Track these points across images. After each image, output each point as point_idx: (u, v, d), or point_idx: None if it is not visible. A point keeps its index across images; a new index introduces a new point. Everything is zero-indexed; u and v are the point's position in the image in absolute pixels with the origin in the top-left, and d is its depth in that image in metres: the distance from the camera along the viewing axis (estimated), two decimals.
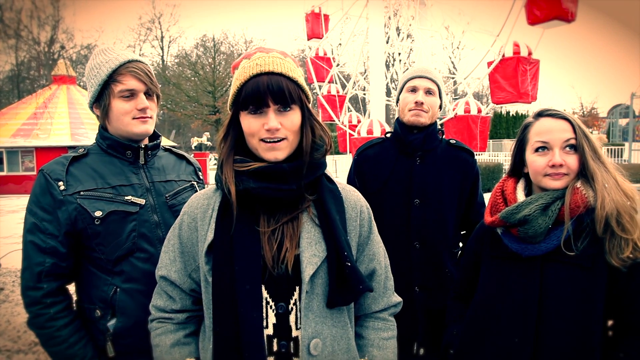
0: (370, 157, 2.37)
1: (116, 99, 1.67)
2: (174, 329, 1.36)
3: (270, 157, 1.25)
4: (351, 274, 1.23)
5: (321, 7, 17.98)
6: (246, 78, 1.24)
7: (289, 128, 1.25)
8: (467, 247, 1.78)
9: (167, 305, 1.37)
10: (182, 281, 1.36)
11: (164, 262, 1.39)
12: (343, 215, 1.34)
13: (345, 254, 1.24)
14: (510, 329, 1.47)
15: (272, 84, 1.22)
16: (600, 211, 1.35)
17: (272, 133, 1.23)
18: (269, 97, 1.22)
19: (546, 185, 1.46)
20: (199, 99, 24.78)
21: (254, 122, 1.25)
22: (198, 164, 2.07)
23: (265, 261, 1.23)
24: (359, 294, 1.27)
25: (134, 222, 1.66)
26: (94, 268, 1.65)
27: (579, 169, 1.42)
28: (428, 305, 2.21)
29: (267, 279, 1.24)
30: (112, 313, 1.63)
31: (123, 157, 1.73)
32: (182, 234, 1.36)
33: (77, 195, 1.60)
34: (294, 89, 1.26)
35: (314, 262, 1.24)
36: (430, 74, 2.26)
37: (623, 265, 1.32)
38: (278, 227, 1.26)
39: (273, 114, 1.23)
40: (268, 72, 1.23)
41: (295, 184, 1.25)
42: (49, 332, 1.57)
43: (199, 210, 1.34)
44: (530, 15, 11.62)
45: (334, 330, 1.28)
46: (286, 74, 1.25)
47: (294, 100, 1.25)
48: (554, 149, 1.44)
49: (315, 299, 1.26)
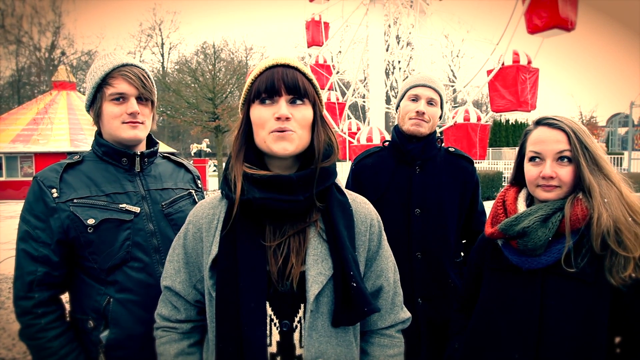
0: (368, 166, 2.33)
1: (107, 102, 1.65)
2: (179, 338, 1.34)
3: (278, 149, 1.19)
4: (356, 295, 1.18)
5: (321, 15, 18.07)
6: (261, 70, 1.24)
7: (299, 121, 1.21)
8: (469, 259, 1.75)
9: (172, 315, 1.35)
10: (187, 292, 1.33)
11: (168, 272, 1.36)
12: (352, 231, 1.29)
13: (351, 273, 1.19)
14: (510, 344, 1.42)
15: (286, 74, 1.21)
16: (596, 228, 1.29)
17: (282, 122, 1.19)
18: (282, 86, 1.20)
19: (538, 196, 1.42)
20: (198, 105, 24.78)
21: (264, 111, 1.21)
22: (197, 172, 2.04)
23: (271, 276, 1.20)
24: (365, 315, 1.21)
25: (128, 230, 1.62)
26: (87, 277, 1.61)
27: (574, 181, 1.37)
28: (431, 317, 2.17)
29: (272, 295, 1.21)
30: (105, 324, 1.58)
31: (118, 165, 1.71)
32: (187, 244, 1.33)
33: (70, 203, 1.57)
34: (308, 85, 1.25)
35: (319, 280, 1.19)
36: (434, 84, 2.22)
37: (623, 285, 1.26)
38: (284, 240, 1.22)
39: (285, 102, 1.20)
40: (283, 64, 1.23)
41: (302, 195, 1.19)
42: (40, 344, 1.53)
43: (205, 221, 1.30)
44: (530, 24, 11.66)
45: (338, 350, 1.23)
46: (301, 69, 1.25)
47: (307, 95, 1.23)
48: (546, 159, 1.40)
49: (320, 318, 1.21)
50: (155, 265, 1.65)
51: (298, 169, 1.27)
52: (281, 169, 1.28)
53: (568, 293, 1.35)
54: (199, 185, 1.98)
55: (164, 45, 45.97)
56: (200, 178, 2.04)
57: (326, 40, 18.02)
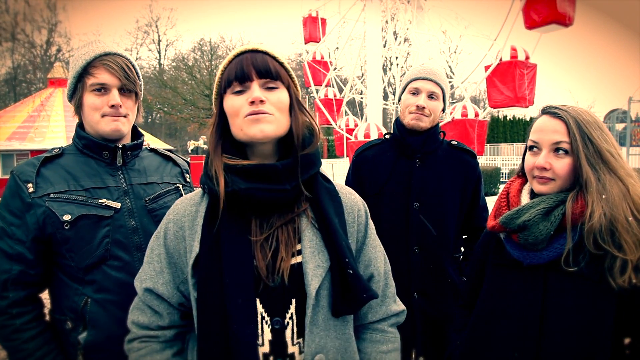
0: (369, 158, 2.29)
1: (87, 93, 1.58)
2: (160, 348, 1.21)
3: (256, 131, 1.14)
4: (354, 282, 1.15)
5: (318, 11, 17.97)
6: (229, 60, 1.20)
7: (274, 104, 1.17)
8: (473, 254, 1.70)
9: (153, 322, 1.22)
10: (171, 294, 1.22)
11: (148, 273, 1.24)
12: (342, 218, 1.25)
13: (347, 261, 1.15)
14: (510, 343, 1.36)
15: (256, 59, 1.17)
16: (588, 225, 1.22)
17: (256, 105, 1.14)
18: (253, 70, 1.16)
19: (534, 188, 1.36)
20: (195, 102, 24.76)
21: (237, 100, 1.17)
22: (186, 166, 1.95)
23: (259, 271, 1.14)
24: (364, 302, 1.19)
25: (107, 227, 1.54)
26: (65, 276, 1.54)
27: (572, 175, 1.30)
28: (427, 312, 2.14)
29: (262, 292, 1.15)
30: (83, 325, 1.51)
31: (99, 158, 1.63)
32: (168, 244, 1.23)
33: (47, 198, 1.49)
34: (280, 68, 1.20)
35: (319, 274, 1.15)
36: (435, 76, 2.15)
37: (623, 288, 1.19)
38: (271, 232, 1.17)
39: (257, 86, 1.16)
40: (251, 50, 1.20)
41: (289, 184, 1.15)
42: (15, 345, 1.46)
43: (187, 219, 1.23)
44: (528, 20, 11.60)
45: (337, 343, 1.20)
46: (271, 53, 1.21)
47: (280, 78, 1.19)
48: (543, 150, 1.33)
49: (320, 312, 1.17)
50: (137, 263, 1.56)
51: (279, 158, 1.22)
52: (262, 159, 1.22)
53: (571, 291, 1.28)
54: (187, 179, 1.89)
55: (160, 42, 45.77)
56: (190, 172, 1.96)
57: (323, 36, 17.92)
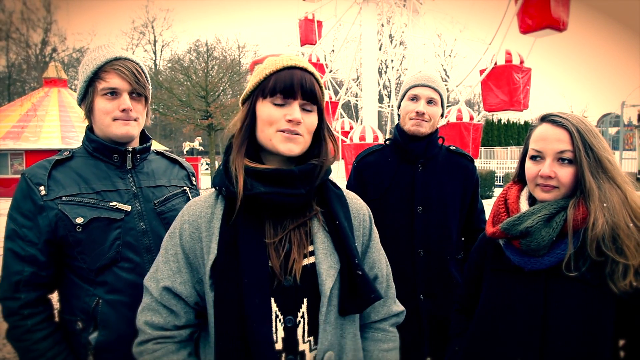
0: (371, 164, 2.35)
1: (98, 97, 1.60)
2: (176, 349, 1.22)
3: (285, 149, 1.22)
4: (362, 283, 1.21)
5: (314, 14, 18.03)
6: (278, 67, 1.23)
7: (307, 126, 1.24)
8: (469, 259, 1.72)
9: (169, 322, 1.23)
10: (189, 293, 1.25)
11: (165, 272, 1.24)
12: (350, 222, 1.31)
13: (356, 262, 1.22)
14: (512, 348, 1.38)
15: (304, 79, 1.23)
16: (591, 233, 1.26)
17: (293, 125, 1.21)
18: (299, 90, 1.22)
19: (537, 196, 1.38)
20: (191, 103, 24.70)
21: (275, 111, 1.22)
22: (192, 169, 1.98)
23: (274, 271, 1.19)
24: (371, 302, 1.25)
25: (118, 229, 1.57)
26: (76, 278, 1.56)
27: (575, 183, 1.32)
28: (434, 313, 2.19)
29: (275, 290, 1.20)
30: (94, 325, 1.53)
31: (109, 161, 1.66)
32: (184, 244, 1.26)
33: (59, 201, 1.52)
34: (319, 92, 1.27)
35: (331, 274, 1.22)
36: (433, 83, 2.24)
37: (624, 292, 1.22)
38: (285, 234, 1.23)
39: (298, 106, 1.23)
40: (301, 67, 1.25)
41: (304, 188, 1.22)
42: (26, 345, 1.49)
43: (203, 220, 1.26)
44: (523, 24, 11.72)
45: (346, 341, 1.26)
46: (316, 76, 1.28)
47: (317, 102, 1.27)
48: (546, 159, 1.35)
49: (332, 311, 1.23)
50: (147, 265, 1.59)
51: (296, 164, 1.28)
52: (277, 163, 1.28)
53: (572, 295, 1.31)
54: (193, 182, 1.93)
55: (156, 42, 45.68)
56: (195, 175, 2.00)
57: (319, 39, 17.98)
